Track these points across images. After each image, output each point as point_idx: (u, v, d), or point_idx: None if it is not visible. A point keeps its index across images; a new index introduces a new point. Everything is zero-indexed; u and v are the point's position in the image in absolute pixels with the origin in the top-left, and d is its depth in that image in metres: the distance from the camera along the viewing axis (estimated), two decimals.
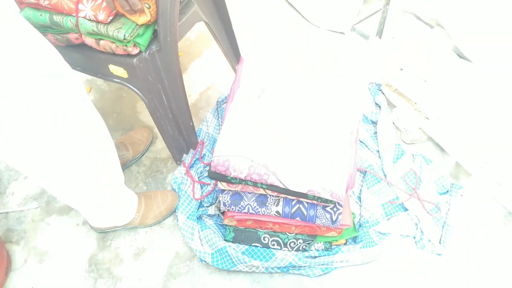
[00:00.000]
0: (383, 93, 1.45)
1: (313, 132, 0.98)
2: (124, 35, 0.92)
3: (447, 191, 1.25)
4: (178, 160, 1.35)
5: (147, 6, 0.90)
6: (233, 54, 1.51)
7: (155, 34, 1.01)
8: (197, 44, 1.77)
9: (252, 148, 0.93)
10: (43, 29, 0.99)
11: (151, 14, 0.91)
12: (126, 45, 0.95)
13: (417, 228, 1.18)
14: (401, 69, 1.37)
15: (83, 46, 1.02)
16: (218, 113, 1.49)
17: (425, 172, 1.28)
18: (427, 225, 1.17)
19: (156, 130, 1.46)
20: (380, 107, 1.43)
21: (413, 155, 1.33)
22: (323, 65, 1.17)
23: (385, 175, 1.29)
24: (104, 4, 0.91)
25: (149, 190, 1.33)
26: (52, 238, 1.23)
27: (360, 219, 1.20)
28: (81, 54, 1.05)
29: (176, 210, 1.24)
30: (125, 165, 1.36)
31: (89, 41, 0.98)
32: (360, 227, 1.18)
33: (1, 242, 1.16)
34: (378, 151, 1.35)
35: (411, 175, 1.28)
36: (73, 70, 0.82)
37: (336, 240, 1.13)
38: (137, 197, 1.19)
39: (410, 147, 1.38)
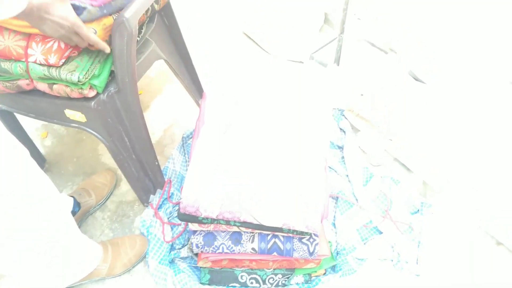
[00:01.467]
0: (346, 118, 1.48)
1: (283, 164, 0.97)
2: (78, 77, 0.88)
3: (418, 210, 1.27)
4: (145, 202, 1.29)
5: (93, 30, 0.87)
6: (195, 89, 1.50)
7: (112, 74, 0.98)
8: (158, 81, 1.74)
9: (222, 185, 0.90)
10: None
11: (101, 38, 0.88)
12: (81, 88, 0.91)
13: (393, 251, 1.18)
14: (362, 95, 1.41)
15: (35, 91, 0.97)
16: (184, 150, 1.45)
17: (395, 193, 1.29)
18: (402, 247, 1.17)
19: (120, 171, 1.39)
20: (344, 132, 1.46)
21: (381, 177, 1.35)
22: (286, 95, 1.18)
23: (356, 199, 1.29)
24: (55, 46, 0.87)
25: (116, 236, 1.26)
26: None
27: (337, 246, 1.18)
28: (34, 101, 0.99)
29: (146, 256, 1.17)
30: (88, 212, 1.28)
31: (42, 86, 0.93)
32: (338, 254, 1.17)
33: None
34: (347, 175, 1.36)
35: (382, 197, 1.29)
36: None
37: (316, 271, 1.11)
38: (98, 246, 1.11)
39: (377, 169, 1.40)
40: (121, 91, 0.99)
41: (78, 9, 0.84)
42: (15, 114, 1.22)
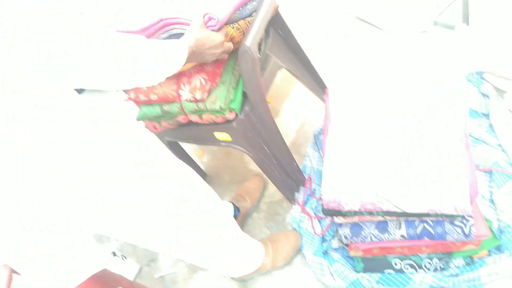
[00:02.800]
0: (487, 81, 1.33)
1: (418, 147, 0.95)
2: (220, 106, 1.04)
3: None
4: (291, 200, 1.42)
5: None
6: (318, 86, 1.56)
7: (245, 95, 1.13)
8: (283, 86, 1.86)
9: (358, 179, 0.94)
10: (157, 119, 1.18)
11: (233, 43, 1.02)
12: (223, 113, 1.08)
13: None
14: (502, 52, 1.24)
15: (190, 123, 1.18)
16: (317, 146, 1.53)
17: None
18: None
19: (265, 176, 1.56)
20: (488, 96, 1.31)
21: None
22: (412, 72, 1.13)
23: None
24: (198, 84, 1.05)
25: (272, 233, 1.41)
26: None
27: (499, 224, 1.09)
28: (190, 130, 1.21)
29: (302, 248, 1.29)
30: (247, 214, 1.47)
31: (194, 118, 1.13)
32: (501, 233, 1.07)
33: None
34: (499, 145, 1.22)
35: None
36: None
37: (477, 253, 1.04)
38: (260, 244, 1.27)
39: None
40: (254, 108, 1.12)
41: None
42: (178, 142, 1.50)
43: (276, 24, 1.31)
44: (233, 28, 1.02)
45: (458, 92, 1.01)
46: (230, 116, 1.10)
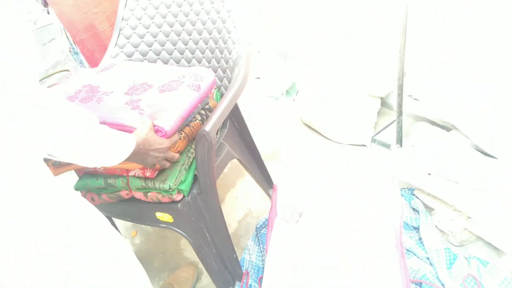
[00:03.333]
0: (417, 197, 1.46)
1: (355, 253, 0.98)
2: (169, 185, 1.02)
3: None
4: None
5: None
6: (265, 181, 1.61)
7: (195, 178, 1.12)
8: (231, 176, 1.89)
9: (299, 276, 0.93)
10: (98, 190, 1.12)
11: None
12: (171, 194, 1.05)
13: None
14: (429, 174, 1.40)
15: (132, 199, 1.13)
16: (258, 240, 1.51)
17: (485, 275, 1.20)
18: None
19: (201, 265, 1.48)
20: (418, 211, 1.43)
21: (466, 258, 1.27)
22: (352, 179, 1.23)
23: (442, 284, 1.21)
24: None
25: None
26: None
27: None
28: (130, 207, 1.15)
29: None
30: None
31: (138, 195, 1.09)
32: None
33: None
34: (427, 258, 1.30)
35: (471, 280, 1.21)
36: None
37: None
38: None
39: (461, 250, 1.32)
40: (203, 192, 1.11)
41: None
42: (112, 218, 1.40)
43: (233, 117, 1.38)
44: (180, 137, 1.04)
45: (394, 203, 1.10)
46: (178, 197, 1.07)
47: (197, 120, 1.13)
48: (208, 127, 1.02)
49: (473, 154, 1.41)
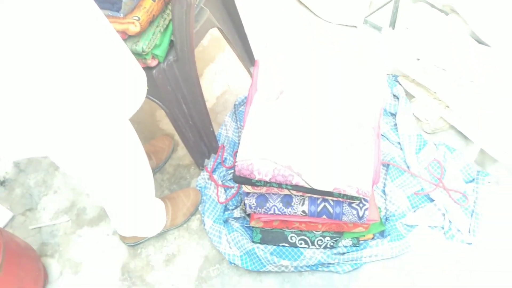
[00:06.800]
0: (400, 84, 1.44)
1: (334, 129, 0.98)
2: (142, 48, 0.94)
3: (473, 179, 1.24)
4: (200, 166, 1.37)
5: (136, 18, 0.90)
6: (247, 57, 1.52)
7: (171, 44, 1.03)
8: (210, 50, 1.78)
9: (275, 150, 0.94)
10: None
11: (141, 26, 0.90)
12: (145, 58, 0.97)
13: (445, 219, 1.17)
14: (418, 59, 1.35)
15: None
16: (236, 117, 1.50)
17: (450, 161, 1.26)
18: (455, 215, 1.16)
19: (177, 137, 1.48)
20: (398, 98, 1.42)
21: (435, 144, 1.32)
22: (339, 61, 1.17)
23: (408, 167, 1.28)
24: None
25: None
26: (85, 249, 1.27)
27: (386, 212, 1.20)
28: None
29: (203, 215, 1.26)
30: None
31: None
32: (386, 220, 1.18)
33: (37, 256, 1.20)
34: (399, 143, 1.34)
35: (435, 165, 1.27)
36: None
37: (364, 236, 1.13)
38: (162, 203, 1.22)
39: (432, 137, 1.36)
40: (180, 60, 1.04)
41: (116, 3, 0.88)
42: None
43: None
44: None
45: (378, 88, 1.07)
46: (152, 63, 1.00)
47: None
48: None
49: (468, 41, 1.35)
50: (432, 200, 1.21)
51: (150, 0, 0.93)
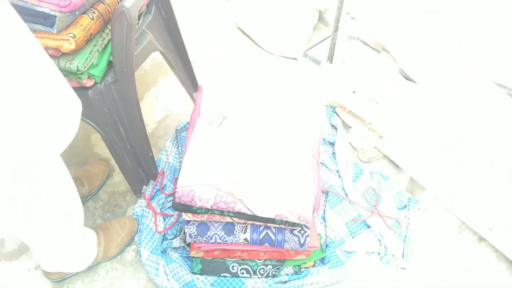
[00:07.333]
0: (338, 115, 1.51)
1: (276, 157, 0.99)
2: (77, 66, 0.88)
3: (405, 206, 1.31)
4: (138, 193, 1.30)
5: (72, 35, 0.85)
6: (190, 82, 1.51)
7: (110, 65, 0.99)
8: (152, 73, 1.75)
9: (217, 176, 0.92)
10: None
11: (76, 43, 0.86)
12: (80, 77, 0.92)
13: (380, 244, 1.21)
14: (354, 92, 1.44)
15: None
16: (177, 142, 1.46)
17: (384, 188, 1.33)
18: (389, 241, 1.21)
19: (113, 162, 1.40)
20: (336, 128, 1.49)
21: (371, 173, 1.38)
22: (279, 91, 1.20)
23: (346, 194, 1.32)
24: None
25: None
26: (2, 286, 1.12)
27: (326, 239, 1.21)
28: None
29: (139, 246, 1.18)
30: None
31: None
32: (327, 247, 1.20)
33: None
34: (337, 171, 1.39)
35: (371, 192, 1.33)
36: None
37: (305, 263, 1.13)
38: (94, 233, 1.12)
39: (367, 166, 1.43)
40: (119, 81, 0.99)
41: (49, 18, 0.83)
42: None
43: (161, 4, 1.22)
44: (92, 16, 0.89)
45: (317, 117, 1.11)
46: (88, 82, 0.95)
47: None
48: (128, 3, 0.87)
49: (397, 77, 1.46)
50: (368, 227, 1.25)
51: (88, 18, 0.89)
